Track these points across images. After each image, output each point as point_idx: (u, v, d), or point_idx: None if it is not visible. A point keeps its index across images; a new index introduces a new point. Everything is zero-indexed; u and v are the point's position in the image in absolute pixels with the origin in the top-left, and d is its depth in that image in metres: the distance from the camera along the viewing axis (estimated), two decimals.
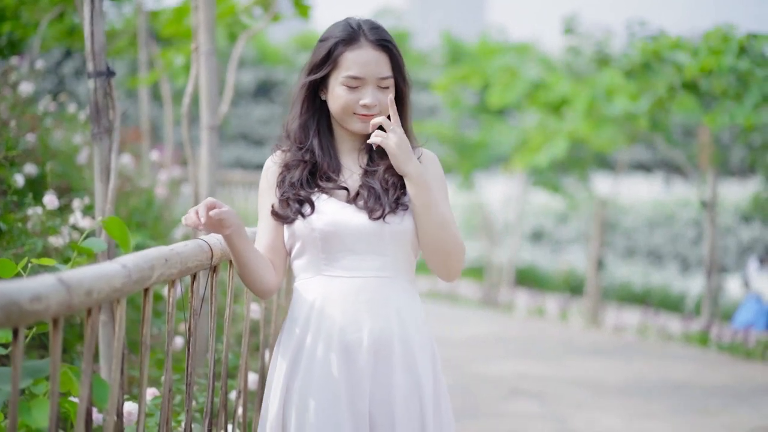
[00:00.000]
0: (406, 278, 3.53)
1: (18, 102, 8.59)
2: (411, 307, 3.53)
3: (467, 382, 10.39)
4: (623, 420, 8.65)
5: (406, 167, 3.41)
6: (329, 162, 3.56)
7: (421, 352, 3.51)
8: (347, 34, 3.49)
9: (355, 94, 3.47)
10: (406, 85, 3.57)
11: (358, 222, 3.46)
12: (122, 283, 2.98)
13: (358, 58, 3.47)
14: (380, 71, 3.49)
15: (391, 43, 3.53)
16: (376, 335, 3.46)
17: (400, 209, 3.47)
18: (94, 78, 5.06)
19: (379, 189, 3.49)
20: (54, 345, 2.70)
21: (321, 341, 3.47)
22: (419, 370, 3.48)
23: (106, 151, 5.08)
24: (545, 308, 17.54)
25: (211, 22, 6.61)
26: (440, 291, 20.64)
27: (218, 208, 3.36)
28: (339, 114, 3.52)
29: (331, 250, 3.49)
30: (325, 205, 3.49)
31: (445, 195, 3.57)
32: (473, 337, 14.13)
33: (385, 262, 3.48)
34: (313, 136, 3.57)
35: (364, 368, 3.45)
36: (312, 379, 3.46)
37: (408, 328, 3.49)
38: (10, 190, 6.03)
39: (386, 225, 3.45)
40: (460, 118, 23.16)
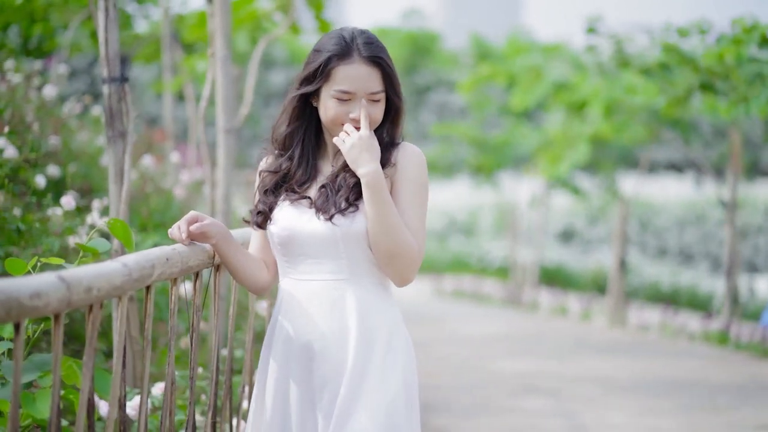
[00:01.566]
0: (369, 279, 3.56)
1: (42, 105, 8.76)
2: (374, 307, 3.55)
3: (482, 379, 10.58)
4: (631, 416, 8.78)
5: (357, 169, 3.45)
6: (304, 170, 3.62)
7: (381, 352, 3.51)
8: (341, 49, 3.52)
9: (345, 107, 3.51)
10: (398, 98, 3.60)
11: (311, 227, 3.51)
12: (122, 281, 3.13)
13: (350, 73, 3.51)
14: (371, 86, 3.52)
15: (383, 59, 3.55)
16: (330, 338, 3.52)
17: (350, 210, 3.50)
18: (109, 83, 5.23)
19: (330, 190, 3.54)
20: (55, 339, 2.86)
21: (281, 342, 3.60)
22: (368, 381, 3.47)
23: (120, 154, 5.25)
24: (568, 307, 17.65)
25: (227, 28, 6.76)
26: (465, 290, 20.79)
27: (199, 222, 3.55)
28: (329, 124, 3.56)
29: (290, 255, 3.58)
30: (285, 212, 3.57)
31: (414, 194, 3.55)
32: (492, 336, 14.30)
33: (341, 264, 3.52)
34: (297, 145, 3.64)
35: (314, 372, 3.53)
36: (270, 378, 3.61)
37: (368, 328, 3.51)
38: (29, 191, 6.18)
39: (336, 228, 3.48)
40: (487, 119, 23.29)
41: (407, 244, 3.45)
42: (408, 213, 3.52)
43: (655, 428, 8.39)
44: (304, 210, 3.56)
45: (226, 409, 4.29)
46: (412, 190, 3.55)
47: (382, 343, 3.52)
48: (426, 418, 8.61)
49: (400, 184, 3.55)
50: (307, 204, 3.57)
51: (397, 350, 3.56)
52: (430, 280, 22.76)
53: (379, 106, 3.56)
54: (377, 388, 3.46)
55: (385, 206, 3.43)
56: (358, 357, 3.48)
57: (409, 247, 3.46)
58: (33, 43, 15.66)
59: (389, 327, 3.57)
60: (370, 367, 3.49)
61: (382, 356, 3.51)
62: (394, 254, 3.45)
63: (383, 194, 3.43)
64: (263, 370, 3.67)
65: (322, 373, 3.53)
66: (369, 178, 3.43)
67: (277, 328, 3.64)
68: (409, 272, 3.51)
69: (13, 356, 2.68)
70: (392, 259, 3.46)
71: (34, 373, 3.29)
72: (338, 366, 3.51)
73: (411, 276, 3.53)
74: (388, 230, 3.43)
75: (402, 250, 3.45)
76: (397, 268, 3.49)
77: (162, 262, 3.43)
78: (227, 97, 6.78)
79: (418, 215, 3.53)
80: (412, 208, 3.53)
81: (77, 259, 3.56)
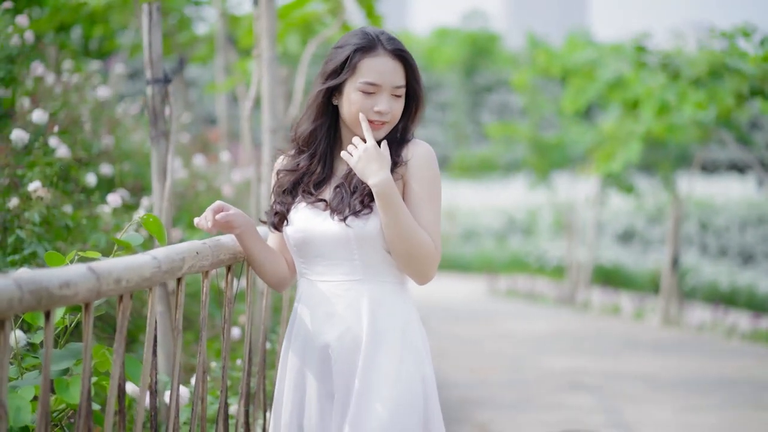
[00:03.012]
0: (384, 279, 3.61)
1: (97, 105, 8.98)
2: (388, 307, 3.60)
3: (528, 376, 10.71)
4: (673, 413, 8.85)
5: (367, 180, 3.49)
6: (321, 171, 3.68)
7: (395, 350, 3.56)
8: (366, 42, 3.59)
9: (370, 100, 3.56)
10: (421, 91, 3.66)
11: (325, 228, 3.57)
12: (152, 273, 3.30)
13: (376, 65, 3.57)
14: (395, 80, 3.59)
15: (407, 53, 3.62)
16: (343, 339, 3.58)
17: (364, 212, 3.55)
18: (152, 84, 5.42)
19: (346, 192, 3.59)
20: (86, 328, 3.03)
21: (298, 341, 3.69)
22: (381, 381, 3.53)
23: (163, 153, 5.44)
24: (621, 307, 17.69)
25: (273, 30, 6.93)
26: (519, 290, 20.86)
27: (225, 212, 3.66)
28: (352, 119, 3.60)
29: (306, 255, 3.65)
30: (300, 214, 3.64)
31: (427, 194, 3.60)
32: (542, 334, 14.40)
33: (355, 266, 3.58)
34: (319, 142, 3.69)
35: (332, 369, 3.60)
36: (291, 371, 3.70)
37: (379, 329, 3.57)
38: (77, 189, 6.38)
39: (350, 229, 3.53)
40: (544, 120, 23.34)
41: (424, 244, 3.52)
42: (421, 212, 3.57)
43: (697, 424, 8.45)
44: (319, 212, 3.62)
45: (259, 398, 4.46)
46: (424, 188, 3.59)
47: (396, 342, 3.58)
48: (470, 413, 8.76)
49: (412, 183, 3.59)
50: (322, 206, 3.63)
51: (412, 347, 3.61)
52: (485, 279, 22.84)
53: (400, 102, 3.63)
54: (392, 385, 3.52)
55: (398, 212, 3.49)
56: (370, 355, 3.54)
57: (426, 246, 3.53)
58: (94, 44, 15.95)
59: (403, 325, 3.62)
60: (384, 364, 3.54)
61: (397, 354, 3.56)
62: (411, 256, 3.52)
63: (395, 201, 3.48)
64: (283, 363, 3.76)
65: (338, 371, 3.59)
66: (379, 188, 3.47)
67: (296, 325, 3.72)
68: (429, 270, 3.58)
69: (44, 343, 2.84)
70: (411, 261, 3.53)
71: (70, 361, 3.47)
72: (352, 365, 3.57)
73: (431, 274, 3.60)
74: (403, 234, 3.49)
75: (419, 250, 3.52)
76: (417, 268, 3.56)
77: (192, 256, 3.58)
78: (273, 98, 6.93)
79: (431, 213, 3.58)
80: (425, 207, 3.58)
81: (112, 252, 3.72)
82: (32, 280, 2.65)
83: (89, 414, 3.07)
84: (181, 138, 10.96)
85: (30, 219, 5.42)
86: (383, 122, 3.60)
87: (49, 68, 9.37)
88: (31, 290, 2.63)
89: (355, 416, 3.51)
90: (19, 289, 2.57)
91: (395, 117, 3.63)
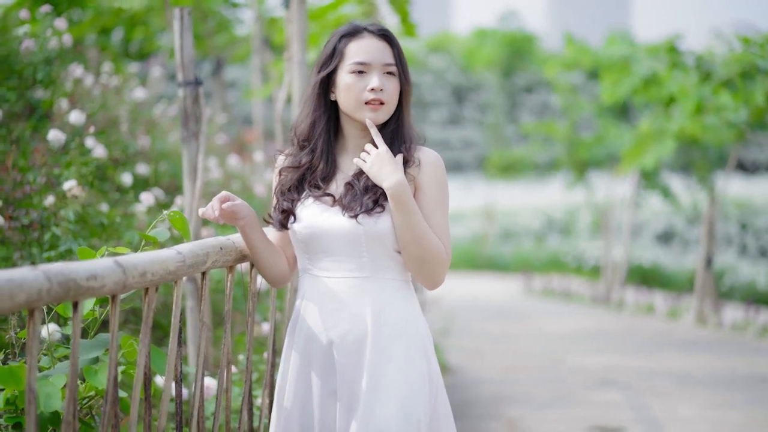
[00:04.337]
0: (391, 276, 3.65)
1: (135, 106, 9.18)
2: (392, 306, 3.64)
3: (560, 373, 10.85)
4: (701, 409, 8.94)
5: (381, 184, 3.54)
6: (324, 166, 3.70)
7: (396, 357, 3.60)
8: (351, 28, 3.67)
9: (362, 80, 3.60)
10: (407, 79, 3.69)
11: (335, 224, 3.60)
12: (176, 267, 3.45)
13: (363, 46, 3.63)
14: (384, 57, 3.63)
15: (391, 34, 3.67)
16: (348, 335, 3.61)
17: (376, 210, 3.58)
18: (184, 87, 5.59)
19: (359, 189, 3.61)
20: (113, 317, 3.19)
21: (301, 337, 3.71)
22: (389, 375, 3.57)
23: (194, 153, 5.62)
24: (655, 306, 17.77)
25: (304, 33, 7.07)
26: (554, 289, 20.96)
27: (231, 201, 3.70)
28: (351, 106, 3.63)
29: (312, 252, 3.67)
30: (308, 210, 3.66)
31: (438, 199, 3.64)
32: (575, 332, 14.52)
33: (362, 263, 3.61)
34: (319, 136, 3.70)
35: (336, 365, 3.62)
36: (293, 369, 3.73)
37: (384, 327, 3.60)
38: (113, 188, 6.57)
39: (360, 226, 3.56)
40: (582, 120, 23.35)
41: (436, 248, 3.56)
42: (433, 218, 3.62)
43: (724, 420, 8.54)
44: (327, 207, 3.64)
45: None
46: (434, 195, 3.64)
47: (403, 338, 3.62)
48: (500, 409, 8.90)
49: (423, 189, 3.63)
50: (330, 201, 3.65)
51: (418, 344, 3.66)
52: (521, 279, 22.94)
53: (393, 81, 3.65)
54: (399, 383, 3.57)
55: (412, 215, 3.53)
56: (377, 352, 3.58)
57: (438, 250, 3.57)
58: (134, 45, 16.19)
59: (408, 322, 3.66)
60: (391, 362, 3.58)
61: (403, 351, 3.61)
62: (423, 259, 3.56)
63: (409, 203, 3.53)
64: (286, 359, 3.79)
65: (342, 367, 3.61)
66: (393, 191, 3.51)
67: (299, 321, 3.74)
68: (439, 275, 3.63)
69: (72, 333, 3.00)
70: (422, 265, 3.57)
71: (99, 350, 3.63)
72: (358, 361, 3.60)
73: (441, 278, 3.64)
74: (416, 237, 3.53)
75: (431, 254, 3.56)
76: (427, 272, 3.60)
77: (216, 251, 3.73)
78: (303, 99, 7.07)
79: (442, 219, 3.64)
80: (436, 213, 3.63)
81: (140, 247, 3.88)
82: (60, 272, 2.78)
83: (116, 400, 3.23)
84: (217, 139, 11.16)
85: (65, 217, 5.61)
86: (380, 101, 3.62)
87: (90, 70, 9.58)
88: (60, 282, 2.77)
89: (364, 414, 3.55)
90: (48, 280, 2.71)
91: (391, 96, 3.65)
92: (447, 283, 3.81)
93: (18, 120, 7.57)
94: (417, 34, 10.79)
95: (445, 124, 43.64)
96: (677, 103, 14.38)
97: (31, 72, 7.74)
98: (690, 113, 13.82)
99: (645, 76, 14.99)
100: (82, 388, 3.68)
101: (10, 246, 5.73)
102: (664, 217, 27.14)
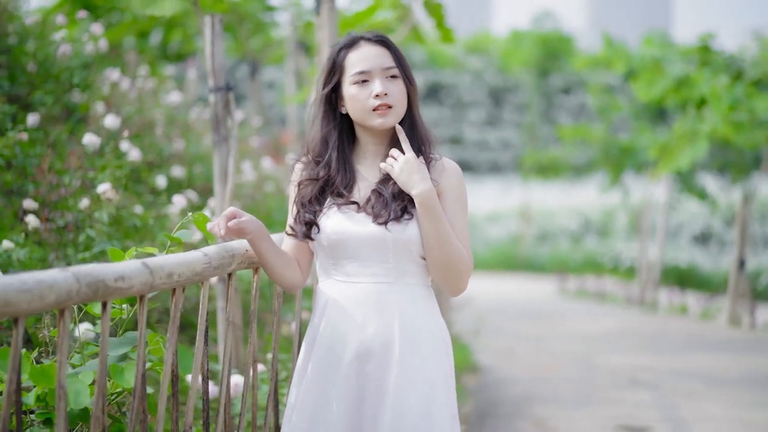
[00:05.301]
0: (415, 282, 3.69)
1: (170, 109, 9.33)
2: (418, 311, 3.68)
3: (589, 373, 10.95)
4: (730, 409, 9.01)
5: (410, 191, 3.58)
6: (343, 176, 3.73)
7: (423, 359, 3.65)
8: (347, 41, 3.72)
9: (366, 89, 3.65)
10: (410, 80, 3.72)
11: (362, 230, 3.63)
12: (203, 269, 3.58)
13: (360, 55, 3.67)
14: (383, 62, 3.66)
15: (388, 40, 3.71)
16: (375, 340, 3.64)
17: (405, 217, 3.62)
18: (215, 92, 5.73)
19: (388, 196, 3.64)
20: (141, 317, 3.32)
21: (324, 343, 3.70)
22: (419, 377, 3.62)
23: (225, 157, 5.75)
24: (689, 307, 17.80)
25: (333, 39, 7.18)
26: (588, 290, 21.02)
27: (237, 218, 3.68)
28: (359, 115, 3.68)
29: (338, 257, 3.69)
30: (332, 219, 3.68)
31: (460, 207, 3.71)
32: (607, 332, 14.61)
33: (389, 268, 3.65)
34: (332, 149, 3.74)
35: (369, 367, 3.64)
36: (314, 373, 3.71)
37: (411, 331, 3.65)
38: (147, 191, 6.71)
39: (388, 233, 3.60)
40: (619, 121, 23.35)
41: (460, 255, 3.62)
42: (455, 223, 3.67)
43: (751, 421, 8.61)
44: (352, 214, 3.67)
45: None
46: (456, 203, 3.70)
47: (428, 343, 3.68)
48: (529, 408, 9.00)
49: (446, 195, 3.68)
50: (354, 208, 3.68)
51: (441, 348, 3.72)
52: (555, 280, 22.98)
53: (397, 84, 3.68)
54: (428, 387, 3.63)
55: (440, 222, 3.58)
56: (405, 358, 3.63)
57: (463, 257, 3.62)
58: (172, 47, 16.36)
59: (432, 326, 3.71)
60: (419, 367, 3.63)
61: (429, 356, 3.66)
62: (448, 266, 3.61)
63: (437, 211, 3.58)
64: (303, 366, 3.80)
65: (367, 372, 3.65)
66: (422, 198, 3.57)
67: (321, 330, 3.75)
68: (463, 281, 3.67)
69: (101, 332, 3.13)
70: (447, 271, 3.62)
71: (127, 348, 3.77)
72: (384, 365, 3.64)
73: (464, 285, 3.69)
74: (443, 244, 3.59)
75: (456, 261, 3.61)
76: (451, 279, 3.65)
77: (241, 253, 3.86)
78: None
79: (464, 225, 3.70)
80: (458, 221, 3.69)
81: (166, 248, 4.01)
82: (89, 273, 2.91)
83: (144, 396, 3.36)
84: (251, 141, 11.31)
85: (99, 219, 5.76)
86: (388, 105, 3.65)
87: (127, 74, 9.74)
88: (89, 283, 2.89)
89: (393, 420, 3.60)
90: (77, 281, 2.83)
91: (398, 99, 3.68)
92: (481, 284, 3.92)
93: (55, 123, 7.73)
94: (453, 39, 10.86)
95: (483, 125, 43.67)
96: (709, 105, 14.41)
97: (67, 76, 7.91)
98: (722, 114, 13.85)
99: (677, 77, 15.03)
100: (110, 385, 3.81)
101: (47, 247, 5.89)
102: (702, 219, 27.11)
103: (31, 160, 6.39)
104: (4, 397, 2.68)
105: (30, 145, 6.52)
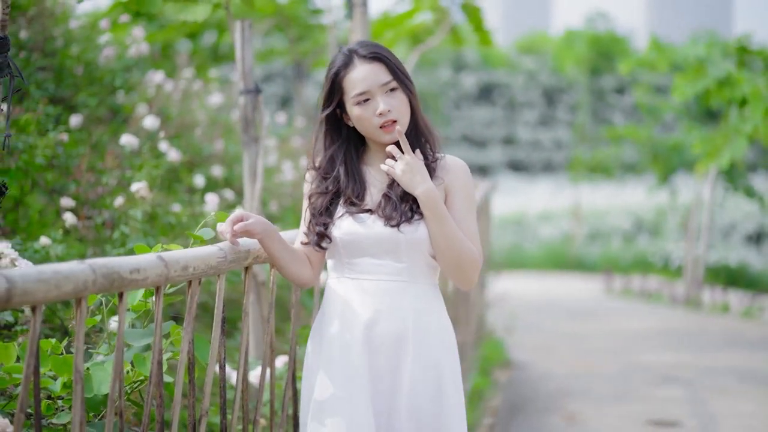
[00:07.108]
0: (426, 281, 3.80)
1: (212, 110, 9.57)
2: (429, 309, 3.79)
3: (625, 369, 11.09)
4: (760, 405, 9.13)
5: (413, 191, 3.68)
6: (354, 186, 3.82)
7: (436, 353, 3.76)
8: (342, 60, 3.77)
9: (369, 107, 3.71)
10: (408, 86, 3.78)
11: (375, 230, 3.73)
12: (218, 262, 3.76)
13: (357, 76, 3.73)
14: (380, 79, 3.72)
15: (380, 53, 3.75)
16: (392, 334, 3.74)
17: (415, 218, 3.71)
18: (245, 94, 5.95)
19: (396, 199, 3.74)
20: (157, 307, 3.53)
21: (346, 332, 3.77)
22: (432, 369, 3.74)
23: (254, 157, 5.96)
24: (730, 305, 17.83)
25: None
26: (634, 289, 21.06)
27: (244, 221, 3.78)
28: (368, 132, 3.77)
29: (353, 255, 3.78)
30: (346, 220, 3.79)
31: (467, 203, 3.79)
32: (647, 331, 14.71)
33: (402, 268, 3.75)
34: (340, 165, 3.84)
35: (381, 361, 3.74)
36: (334, 360, 3.77)
37: (423, 329, 3.75)
38: (181, 189, 6.94)
39: (401, 234, 3.70)
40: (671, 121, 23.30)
41: (469, 251, 3.70)
42: (463, 222, 3.76)
43: None
44: (364, 218, 3.78)
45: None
46: (463, 200, 3.80)
47: (439, 339, 3.79)
48: (562, 403, 9.17)
49: (452, 196, 3.78)
50: (367, 214, 3.78)
51: (450, 343, 3.84)
52: (601, 279, 23.03)
53: (398, 96, 3.75)
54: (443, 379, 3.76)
55: (445, 220, 3.68)
56: (418, 354, 3.74)
57: (471, 253, 3.71)
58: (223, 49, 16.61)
59: (441, 324, 3.82)
60: (431, 363, 3.75)
61: (440, 352, 3.78)
62: (458, 262, 3.70)
63: (441, 209, 3.68)
64: (313, 362, 3.90)
65: (379, 367, 3.76)
66: (425, 197, 3.67)
67: (334, 323, 3.83)
68: (473, 276, 3.75)
69: (118, 320, 3.34)
70: (457, 267, 3.71)
71: (150, 338, 3.98)
72: (396, 361, 3.75)
73: (474, 279, 3.76)
74: (450, 242, 3.68)
75: (465, 257, 3.70)
76: (462, 274, 3.74)
77: (257, 248, 4.05)
78: None
79: (472, 221, 3.79)
80: (466, 217, 3.78)
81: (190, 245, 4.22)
82: (105, 265, 3.08)
83: (160, 381, 3.56)
84: (292, 141, 11.53)
85: (133, 216, 6.00)
86: (392, 120, 3.72)
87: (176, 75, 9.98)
88: (104, 274, 3.07)
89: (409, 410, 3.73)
90: (93, 272, 3.02)
91: (401, 112, 3.75)
92: (529, 282, 4.00)
93: (99, 124, 7.99)
94: (491, 42, 11.01)
95: (537, 125, 43.69)
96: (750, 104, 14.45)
97: (110, 79, 8.16)
98: (763, 113, 13.90)
99: (718, 77, 15.08)
100: (132, 373, 4.03)
101: (86, 243, 6.15)
102: (755, 218, 27.03)
103: (72, 160, 6.64)
104: (23, 380, 2.87)
105: (72, 145, 6.77)
